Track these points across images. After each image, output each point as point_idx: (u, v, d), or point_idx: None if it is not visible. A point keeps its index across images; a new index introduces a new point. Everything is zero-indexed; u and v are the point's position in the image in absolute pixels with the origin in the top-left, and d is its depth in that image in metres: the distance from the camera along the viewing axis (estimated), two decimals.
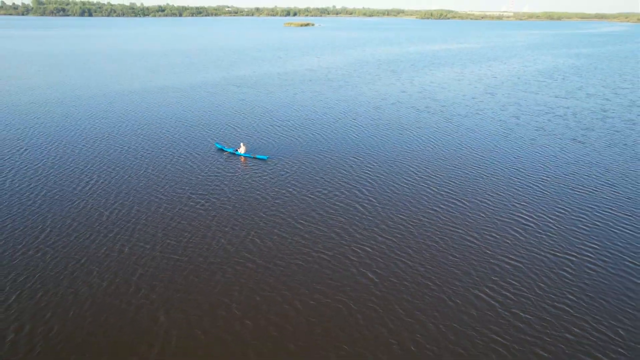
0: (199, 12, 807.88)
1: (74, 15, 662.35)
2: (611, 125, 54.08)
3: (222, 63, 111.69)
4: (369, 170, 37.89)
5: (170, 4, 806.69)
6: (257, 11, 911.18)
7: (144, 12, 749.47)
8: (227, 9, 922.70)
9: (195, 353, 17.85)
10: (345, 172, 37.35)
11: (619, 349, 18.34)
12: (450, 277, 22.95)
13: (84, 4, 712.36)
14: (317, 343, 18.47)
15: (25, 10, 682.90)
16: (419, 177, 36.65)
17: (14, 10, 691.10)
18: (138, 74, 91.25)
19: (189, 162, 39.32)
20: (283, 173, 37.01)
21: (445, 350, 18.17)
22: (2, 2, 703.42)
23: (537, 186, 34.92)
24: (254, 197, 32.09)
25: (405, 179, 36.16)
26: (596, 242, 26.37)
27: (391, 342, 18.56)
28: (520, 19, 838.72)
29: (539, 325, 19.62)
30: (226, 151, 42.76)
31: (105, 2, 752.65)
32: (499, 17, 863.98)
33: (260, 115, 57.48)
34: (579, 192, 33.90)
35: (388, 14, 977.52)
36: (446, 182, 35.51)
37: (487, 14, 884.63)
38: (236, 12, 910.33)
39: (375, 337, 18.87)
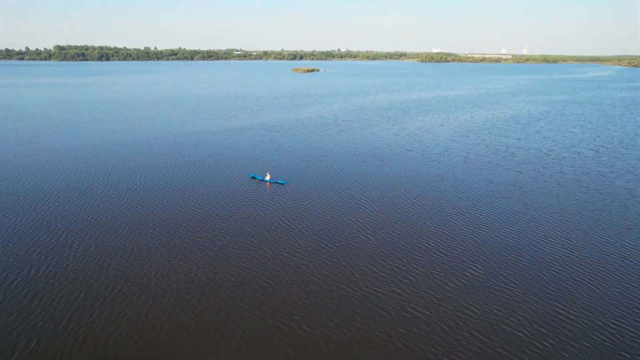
0: (209, 55, 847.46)
1: (93, 59, 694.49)
2: (545, 160, 73.57)
3: (249, 110, 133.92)
4: (365, 191, 57.29)
5: (183, 47, 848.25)
6: (265, 54, 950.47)
7: (158, 55, 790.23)
8: (236, 53, 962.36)
9: (277, 280, 36.69)
10: (346, 191, 56.75)
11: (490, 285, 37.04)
12: (424, 245, 41.89)
13: (102, 49, 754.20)
14: (347, 276, 37.36)
15: (48, 56, 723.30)
16: (402, 193, 55.93)
17: (37, 55, 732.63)
18: (182, 120, 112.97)
19: (231, 187, 58.80)
20: (299, 193, 56.44)
21: (417, 276, 36.94)
22: (27, 48, 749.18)
23: (478, 198, 54.07)
24: (279, 208, 51.47)
25: (391, 195, 55.45)
26: (504, 232, 45.37)
27: (386, 275, 37.37)
28: (518, 62, 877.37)
29: (460, 269, 38.40)
30: (257, 178, 61.81)
31: (122, 47, 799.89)
32: (497, 60, 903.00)
33: (283, 152, 77.64)
34: (502, 201, 53.04)
35: (391, 57, 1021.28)
36: (421, 198, 54.73)
37: (487, 56, 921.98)
38: (245, 55, 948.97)
39: (379, 281, 37.77)
